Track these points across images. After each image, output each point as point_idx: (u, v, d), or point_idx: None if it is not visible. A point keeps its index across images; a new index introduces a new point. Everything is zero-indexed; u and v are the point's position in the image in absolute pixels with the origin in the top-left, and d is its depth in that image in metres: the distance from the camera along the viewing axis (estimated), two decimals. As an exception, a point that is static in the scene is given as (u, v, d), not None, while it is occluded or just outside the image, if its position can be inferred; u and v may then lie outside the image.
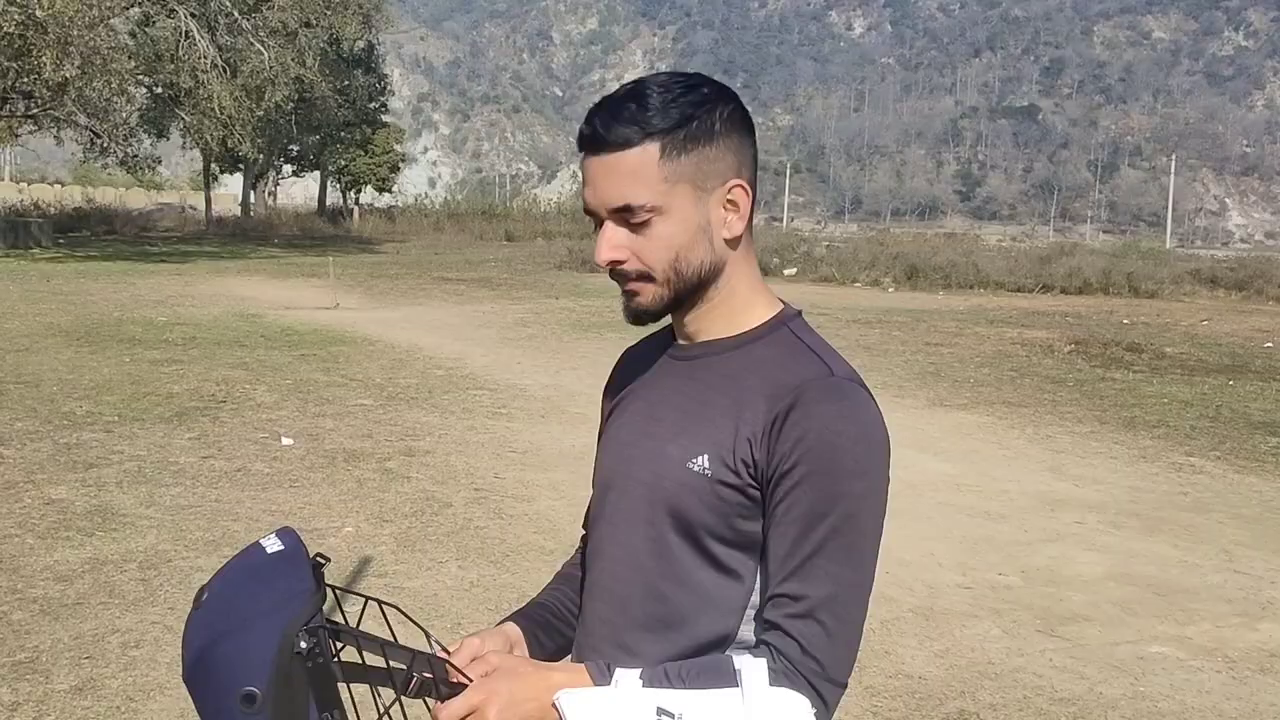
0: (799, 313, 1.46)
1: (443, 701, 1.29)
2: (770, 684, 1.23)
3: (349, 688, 1.30)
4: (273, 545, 1.31)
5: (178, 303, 18.28)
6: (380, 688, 1.31)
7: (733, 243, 1.38)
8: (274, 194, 65.80)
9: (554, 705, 1.27)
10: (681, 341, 1.46)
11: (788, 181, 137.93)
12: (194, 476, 7.11)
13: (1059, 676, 4.56)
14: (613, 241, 1.36)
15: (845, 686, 1.32)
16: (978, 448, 9.23)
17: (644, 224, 1.34)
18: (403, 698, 1.31)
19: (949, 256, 33.84)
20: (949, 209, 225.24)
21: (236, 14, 33.06)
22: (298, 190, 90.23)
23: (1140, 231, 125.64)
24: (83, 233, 41.44)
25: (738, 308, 1.42)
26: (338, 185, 68.53)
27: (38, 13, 26.80)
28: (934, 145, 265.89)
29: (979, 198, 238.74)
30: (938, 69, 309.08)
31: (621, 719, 1.24)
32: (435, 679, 1.31)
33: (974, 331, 18.37)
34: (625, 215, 1.34)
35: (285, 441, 8.24)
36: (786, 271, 33.52)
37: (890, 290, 30.09)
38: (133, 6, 33.01)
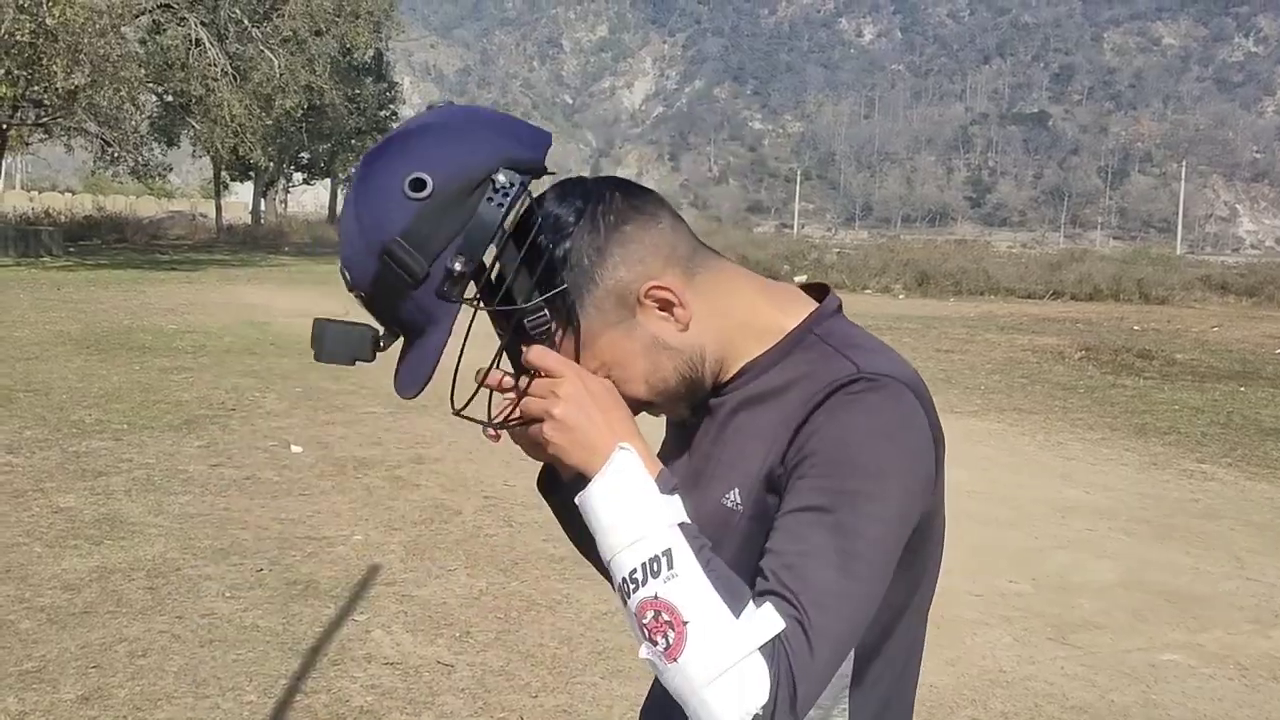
0: (836, 310, 1.35)
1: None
2: (760, 646, 1.08)
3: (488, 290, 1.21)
4: None
5: (188, 311, 18.31)
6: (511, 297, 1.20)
7: (687, 327, 1.26)
8: (285, 202, 66.04)
9: (617, 447, 1.16)
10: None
11: (798, 188, 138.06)
12: (203, 485, 7.11)
13: (1070, 684, 4.53)
14: None
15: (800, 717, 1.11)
16: (989, 454, 9.20)
17: (605, 378, 1.25)
18: (525, 320, 1.20)
19: (959, 263, 33.85)
20: (959, 215, 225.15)
21: (247, 22, 33.20)
22: (308, 198, 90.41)
23: (1150, 238, 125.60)
24: (93, 241, 41.52)
25: (753, 335, 1.30)
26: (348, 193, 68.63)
27: (48, 21, 26.90)
28: (944, 152, 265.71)
29: (989, 204, 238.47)
30: (948, 76, 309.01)
31: (635, 521, 1.13)
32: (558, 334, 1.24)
33: (984, 338, 18.34)
34: None
35: (295, 449, 8.24)
36: (797, 279, 33.48)
37: (901, 297, 30.06)
38: (143, 14, 33.13)
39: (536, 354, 1.20)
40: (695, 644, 1.08)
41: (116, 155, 34.78)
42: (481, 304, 1.19)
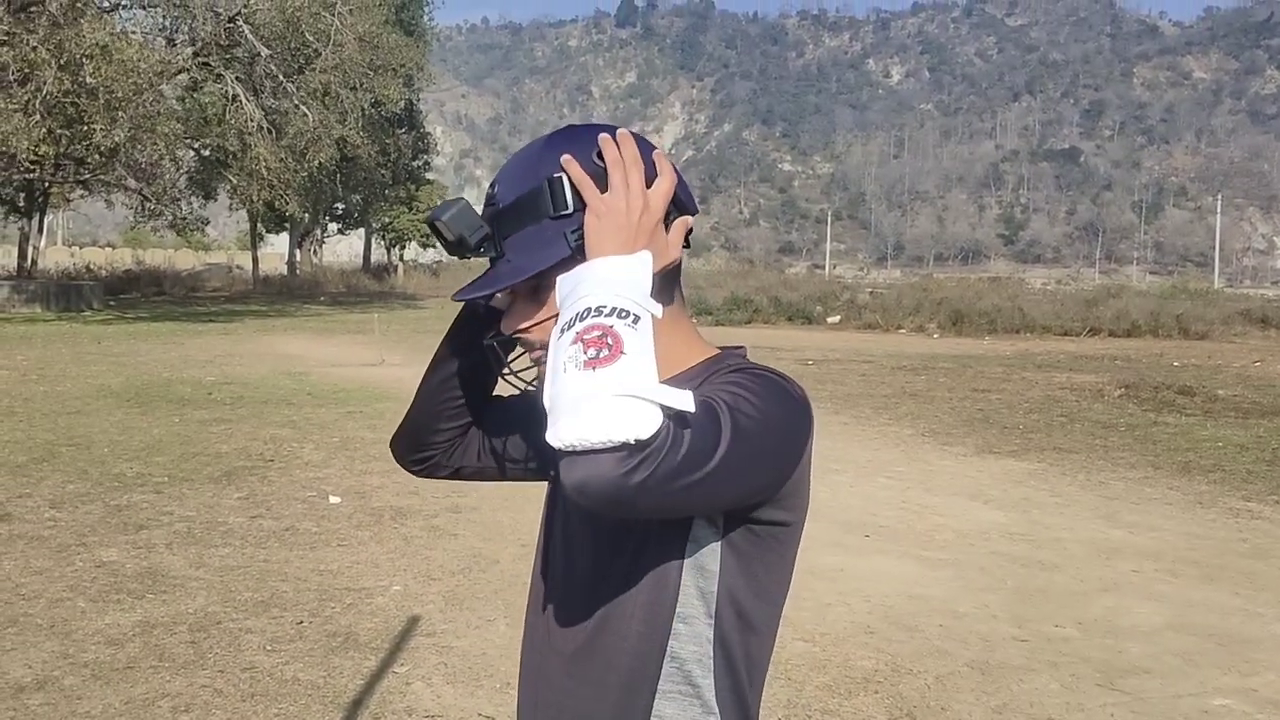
0: (744, 354, 1.49)
1: None
2: (665, 407, 1.15)
3: None
4: None
5: (225, 362, 18.47)
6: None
7: None
8: (319, 252, 66.67)
9: (645, 250, 1.29)
10: None
11: (829, 229, 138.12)
12: (243, 536, 7.14)
13: (1121, 732, 4.45)
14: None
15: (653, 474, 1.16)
16: (1029, 495, 9.11)
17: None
18: None
19: (994, 301, 33.66)
20: (992, 253, 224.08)
21: (282, 77, 33.68)
22: (343, 248, 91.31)
23: (1187, 272, 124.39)
24: (133, 294, 42.09)
25: (677, 359, 1.43)
26: (382, 242, 69.35)
27: (88, 79, 27.42)
28: (975, 189, 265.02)
29: (1022, 241, 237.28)
30: (977, 114, 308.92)
31: (631, 288, 1.23)
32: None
33: (1021, 376, 18.21)
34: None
35: (333, 500, 8.26)
36: (830, 319, 33.44)
37: (935, 336, 29.93)
38: (181, 73, 33.71)
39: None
40: (620, 369, 1.15)
41: (155, 209, 35.31)
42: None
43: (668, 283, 1.40)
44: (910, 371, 18.83)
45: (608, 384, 1.14)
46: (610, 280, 1.23)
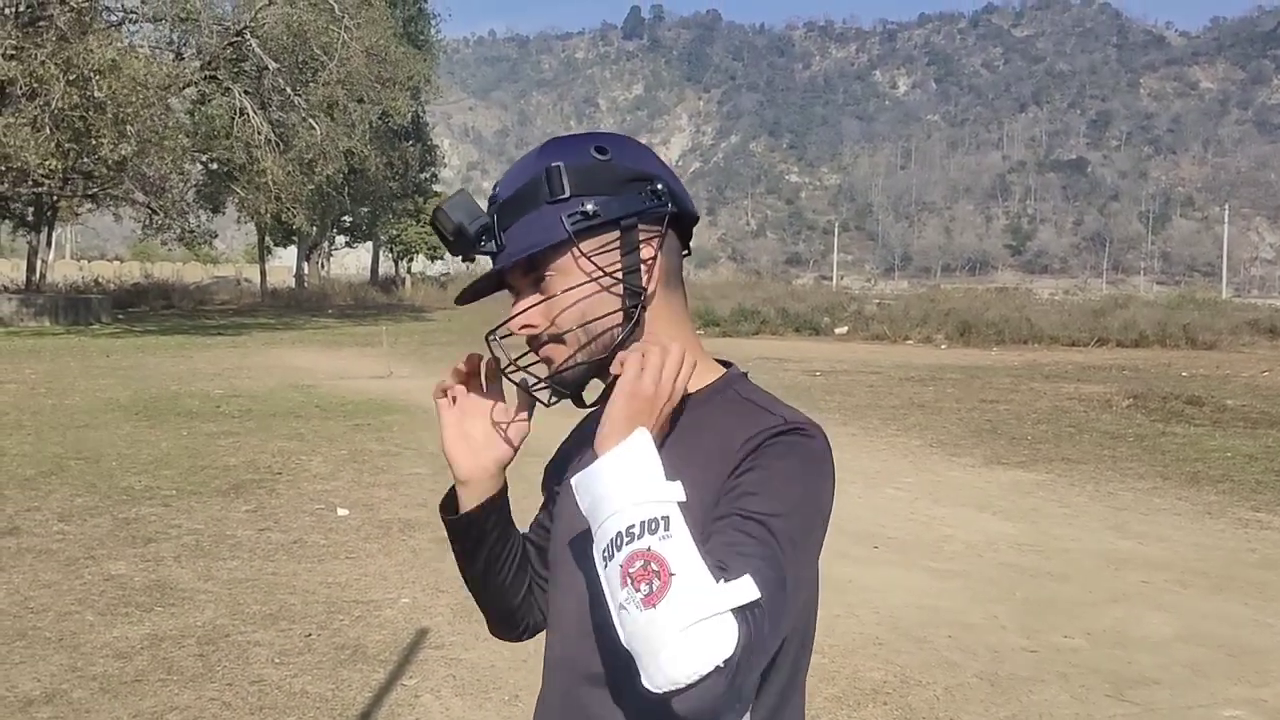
0: (744, 374, 1.49)
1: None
2: (734, 608, 1.14)
3: None
4: None
5: (234, 375, 18.49)
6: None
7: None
8: (327, 265, 66.81)
9: (637, 429, 1.27)
10: None
11: (836, 240, 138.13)
12: (251, 549, 7.14)
13: (1131, 743, 4.43)
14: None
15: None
16: (1037, 506, 9.09)
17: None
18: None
19: (1001, 312, 33.64)
20: (1000, 264, 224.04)
21: (289, 90, 33.80)
22: (351, 260, 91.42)
23: (1195, 282, 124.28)
24: (141, 308, 42.16)
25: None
26: (390, 254, 69.47)
27: (97, 94, 27.54)
28: (982, 200, 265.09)
29: (1030, 252, 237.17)
30: (984, 124, 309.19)
31: (645, 487, 1.21)
32: None
33: (1029, 387, 18.18)
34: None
35: (340, 512, 8.27)
36: (838, 330, 33.43)
37: (943, 347, 29.90)
38: (189, 86, 33.84)
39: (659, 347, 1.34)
40: (677, 594, 1.14)
41: (163, 223, 35.40)
42: (579, 249, 1.37)
43: (670, 288, 1.43)
44: (918, 382, 18.81)
45: (672, 620, 1.13)
46: (623, 486, 1.22)
